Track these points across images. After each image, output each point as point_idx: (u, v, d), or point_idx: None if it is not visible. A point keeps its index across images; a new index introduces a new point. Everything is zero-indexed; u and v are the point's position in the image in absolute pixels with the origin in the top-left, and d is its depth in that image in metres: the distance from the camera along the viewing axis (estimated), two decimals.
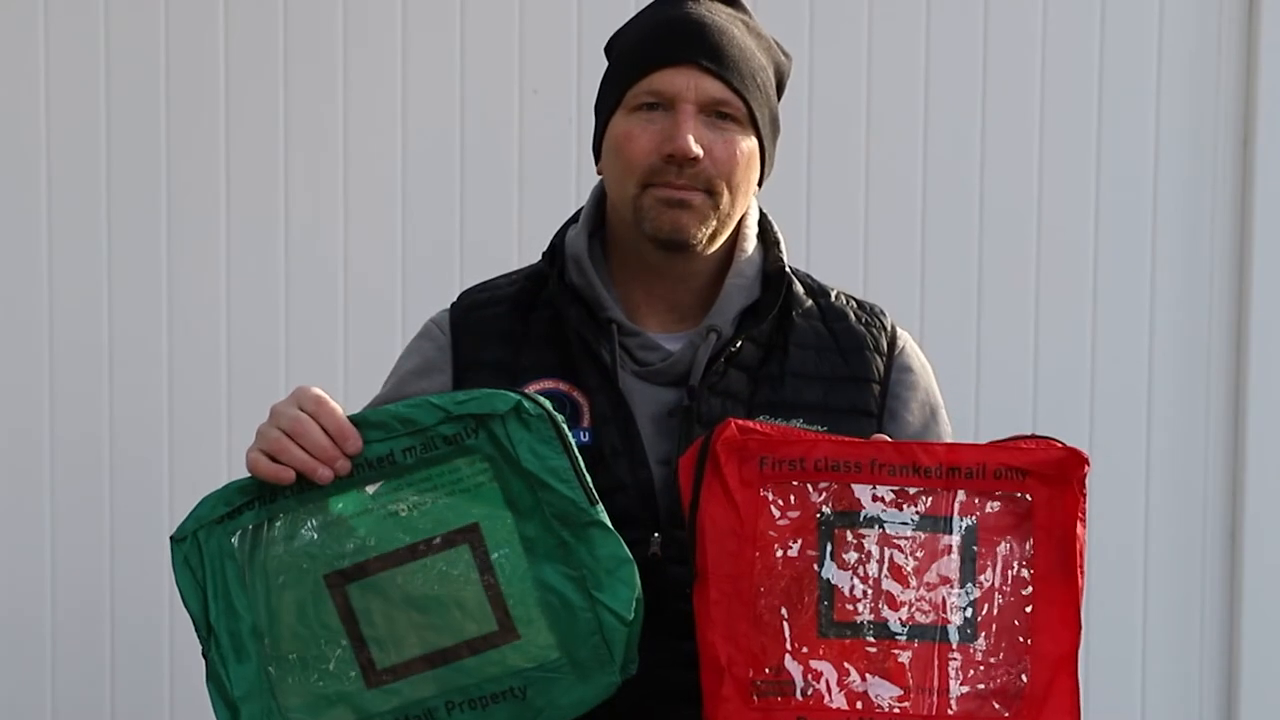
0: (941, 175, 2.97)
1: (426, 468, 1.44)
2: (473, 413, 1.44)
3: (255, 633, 1.45)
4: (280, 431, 1.42)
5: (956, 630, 1.47)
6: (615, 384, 1.59)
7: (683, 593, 1.53)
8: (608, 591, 1.43)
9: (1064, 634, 1.47)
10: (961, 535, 1.48)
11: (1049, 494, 1.48)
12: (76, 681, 2.91)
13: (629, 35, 1.67)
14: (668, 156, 1.57)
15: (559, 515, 1.44)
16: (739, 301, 1.64)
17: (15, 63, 2.89)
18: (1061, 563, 1.48)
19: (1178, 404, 3.02)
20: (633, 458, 1.57)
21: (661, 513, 1.56)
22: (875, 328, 1.69)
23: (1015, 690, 1.46)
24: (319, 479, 1.42)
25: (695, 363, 1.60)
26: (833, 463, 1.47)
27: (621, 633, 1.43)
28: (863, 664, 1.45)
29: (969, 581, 1.47)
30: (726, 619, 1.45)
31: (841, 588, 1.46)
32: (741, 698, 1.44)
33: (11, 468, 2.90)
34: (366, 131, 2.91)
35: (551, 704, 1.44)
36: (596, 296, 1.63)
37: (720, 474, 1.46)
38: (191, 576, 1.44)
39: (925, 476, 1.47)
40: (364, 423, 1.44)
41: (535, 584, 1.44)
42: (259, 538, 1.45)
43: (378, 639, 1.44)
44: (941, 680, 1.46)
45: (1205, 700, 3.06)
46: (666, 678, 1.55)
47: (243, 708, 1.44)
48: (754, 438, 1.47)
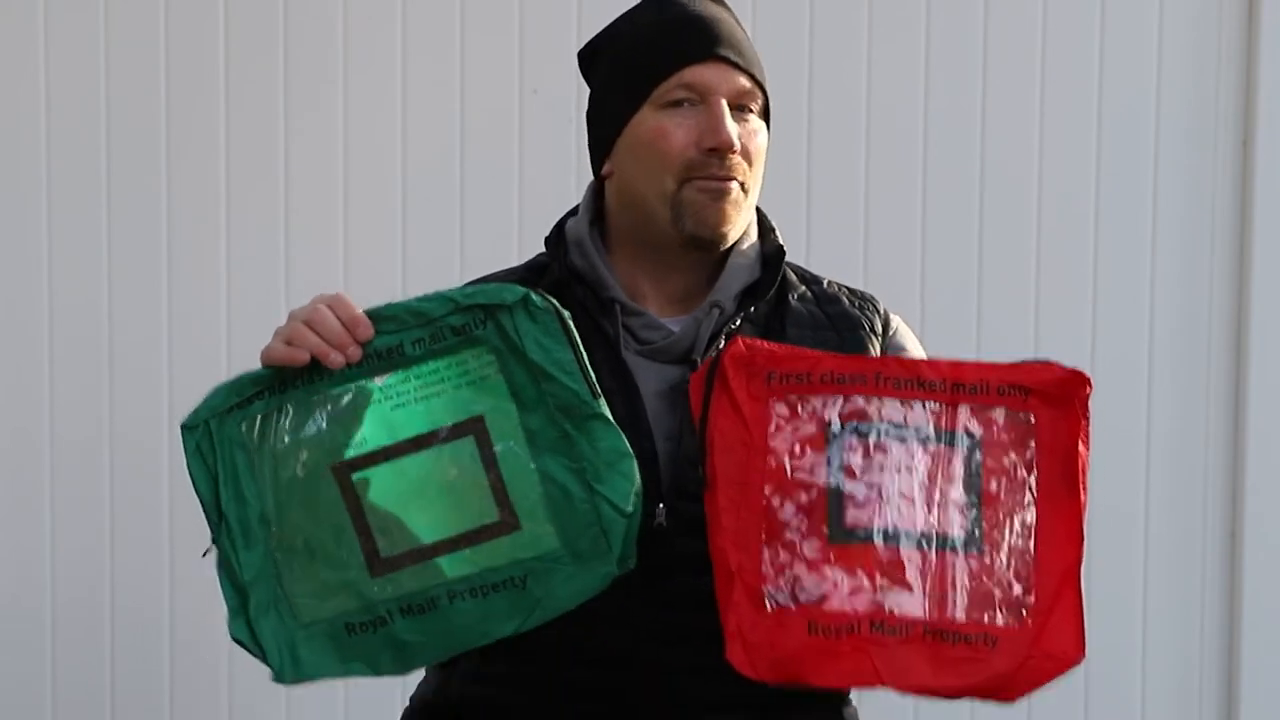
0: (942, 173, 2.98)
1: (434, 359, 1.47)
2: (481, 303, 1.47)
3: (263, 520, 1.47)
4: (297, 321, 1.47)
5: (962, 540, 1.48)
6: (620, 358, 1.61)
7: (689, 565, 1.55)
8: (607, 483, 1.46)
9: (1068, 548, 1.49)
10: (966, 448, 1.50)
11: (1052, 414, 1.50)
12: (77, 679, 2.91)
13: (634, 38, 1.68)
14: (709, 150, 1.59)
15: (562, 407, 1.46)
16: (742, 279, 1.67)
17: (15, 63, 2.89)
18: (1064, 479, 1.50)
19: (1177, 402, 3.02)
20: (637, 430, 1.58)
21: (665, 485, 1.58)
22: (869, 311, 1.72)
23: (1021, 601, 1.48)
24: (330, 363, 1.45)
25: (698, 338, 1.62)
26: (839, 375, 1.49)
27: (620, 524, 1.46)
28: (872, 570, 1.47)
29: (974, 493, 1.49)
30: (736, 526, 1.47)
31: (850, 496, 1.48)
32: (753, 603, 1.46)
33: (11, 467, 2.90)
34: (366, 132, 2.91)
35: (550, 593, 1.46)
36: (599, 277, 1.65)
37: (728, 388, 1.48)
38: (203, 463, 1.47)
39: (930, 390, 1.50)
40: (377, 316, 1.48)
41: (537, 476, 1.47)
42: (268, 427, 1.47)
43: (383, 528, 1.46)
44: (949, 587, 1.48)
45: (1205, 700, 3.06)
46: (673, 649, 1.57)
47: (251, 592, 1.46)
48: (760, 353, 1.50)
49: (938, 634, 1.46)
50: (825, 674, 1.47)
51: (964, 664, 1.46)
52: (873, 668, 1.46)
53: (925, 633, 1.46)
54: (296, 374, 1.47)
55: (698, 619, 1.54)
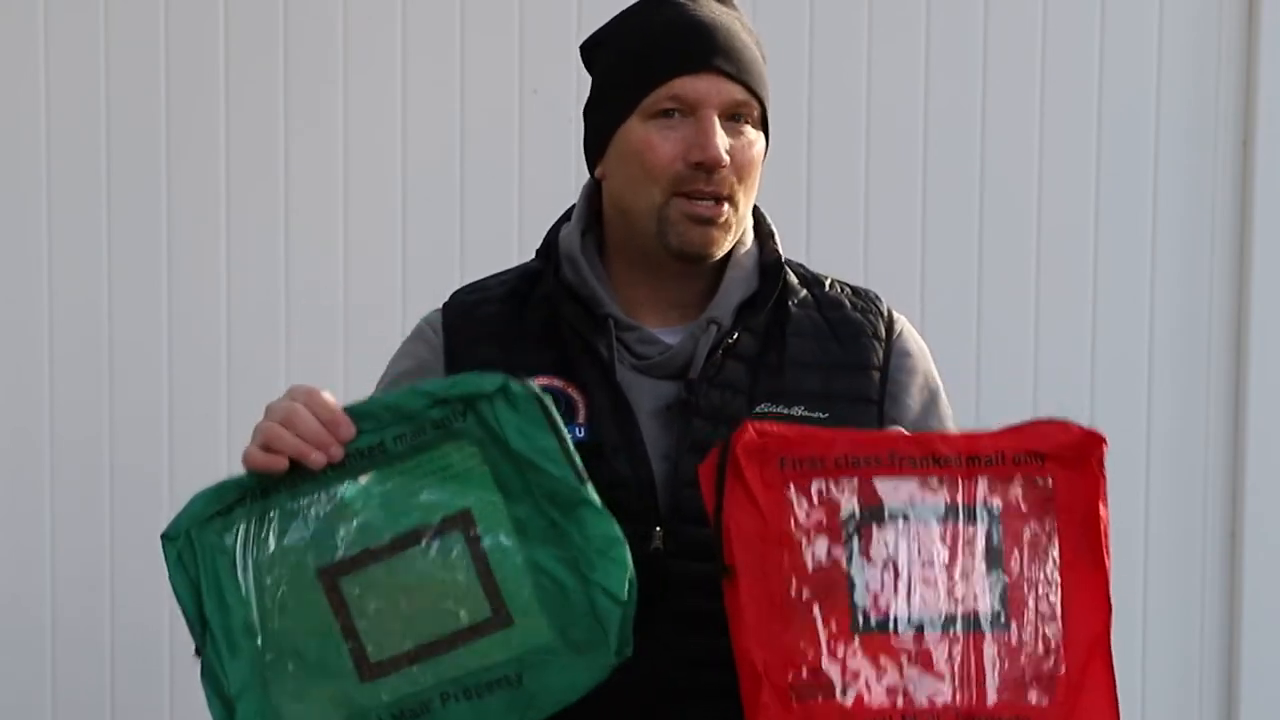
0: (942, 173, 2.97)
1: (417, 455, 1.44)
2: (459, 395, 1.44)
3: (248, 628, 1.44)
4: (273, 423, 1.43)
5: (989, 619, 1.46)
6: (613, 379, 1.58)
7: (685, 588, 1.54)
8: (600, 571, 1.42)
9: (1095, 616, 1.49)
10: (986, 523, 1.48)
11: (1069, 477, 1.49)
12: (77, 679, 2.91)
13: (631, 39, 1.64)
14: (695, 164, 1.56)
15: (549, 495, 1.43)
16: (739, 293, 1.64)
17: (15, 63, 2.89)
18: (1087, 544, 1.49)
19: (1177, 402, 3.02)
20: (632, 452, 1.56)
21: (662, 507, 1.56)
22: (872, 314, 1.69)
23: (1051, 676, 1.47)
24: (312, 464, 1.41)
25: (695, 355, 1.60)
26: (853, 458, 1.46)
27: (615, 613, 1.42)
28: (899, 659, 1.45)
29: (997, 569, 1.47)
30: (759, 623, 1.44)
31: (871, 584, 1.46)
32: (781, 703, 1.43)
33: (11, 468, 2.90)
34: (366, 132, 2.91)
35: (546, 688, 1.43)
36: (592, 293, 1.62)
37: (742, 478, 1.45)
38: (185, 574, 1.44)
39: (945, 466, 1.47)
40: (355, 413, 1.44)
41: (528, 567, 1.43)
42: (250, 533, 1.44)
43: (371, 632, 1.43)
44: (978, 670, 1.46)
45: (1205, 699, 3.06)
46: (670, 675, 1.55)
47: (238, 703, 1.43)
48: (772, 439, 1.46)
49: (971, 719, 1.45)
50: None
51: None
52: None
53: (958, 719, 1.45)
54: (279, 478, 1.43)
55: (696, 642, 1.53)
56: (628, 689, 1.52)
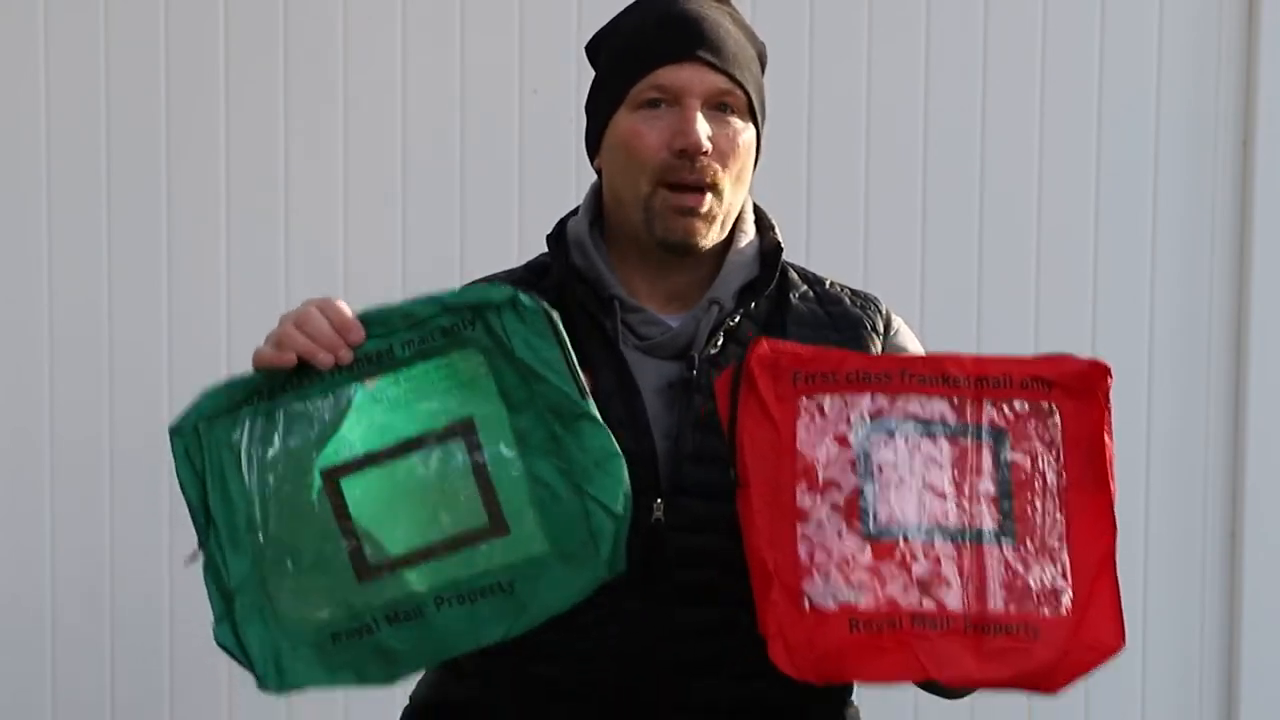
0: (942, 173, 2.98)
1: (423, 361, 1.46)
2: (469, 303, 1.46)
3: (250, 525, 1.46)
4: (287, 323, 1.46)
5: (995, 533, 1.49)
6: (619, 356, 1.61)
7: (684, 560, 1.55)
8: (596, 485, 1.45)
9: (1101, 537, 1.53)
10: (993, 442, 1.51)
11: (1074, 406, 1.52)
12: (77, 679, 2.91)
13: (622, 33, 1.68)
14: (679, 152, 1.59)
15: (551, 407, 1.45)
16: (740, 277, 1.67)
17: (15, 63, 2.89)
18: (1092, 470, 1.52)
19: (1177, 402, 3.02)
20: (636, 428, 1.58)
21: (664, 481, 1.58)
22: (870, 311, 1.72)
23: (1058, 593, 1.50)
24: (320, 363, 1.44)
25: (697, 334, 1.62)
26: (864, 374, 1.50)
27: (609, 526, 1.44)
28: (907, 565, 1.47)
29: (1004, 486, 1.50)
30: (770, 527, 1.47)
31: (881, 493, 1.48)
32: (791, 602, 1.46)
33: (11, 467, 2.90)
34: (366, 131, 2.91)
35: (537, 598, 1.45)
36: (599, 276, 1.65)
37: (756, 390, 1.48)
38: (191, 467, 1.46)
39: (955, 385, 1.50)
40: (366, 319, 1.47)
41: (526, 478, 1.45)
42: (257, 431, 1.46)
43: (370, 534, 1.45)
44: (986, 579, 1.48)
45: (1205, 700, 3.06)
46: (670, 646, 1.57)
47: (237, 597, 1.45)
48: (785, 354, 1.50)
49: (979, 626, 1.47)
50: (870, 670, 1.47)
51: (1007, 654, 1.47)
52: (918, 662, 1.46)
53: (967, 625, 1.47)
54: (286, 379, 1.46)
55: (696, 614, 1.55)
56: (628, 659, 1.55)
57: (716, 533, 1.52)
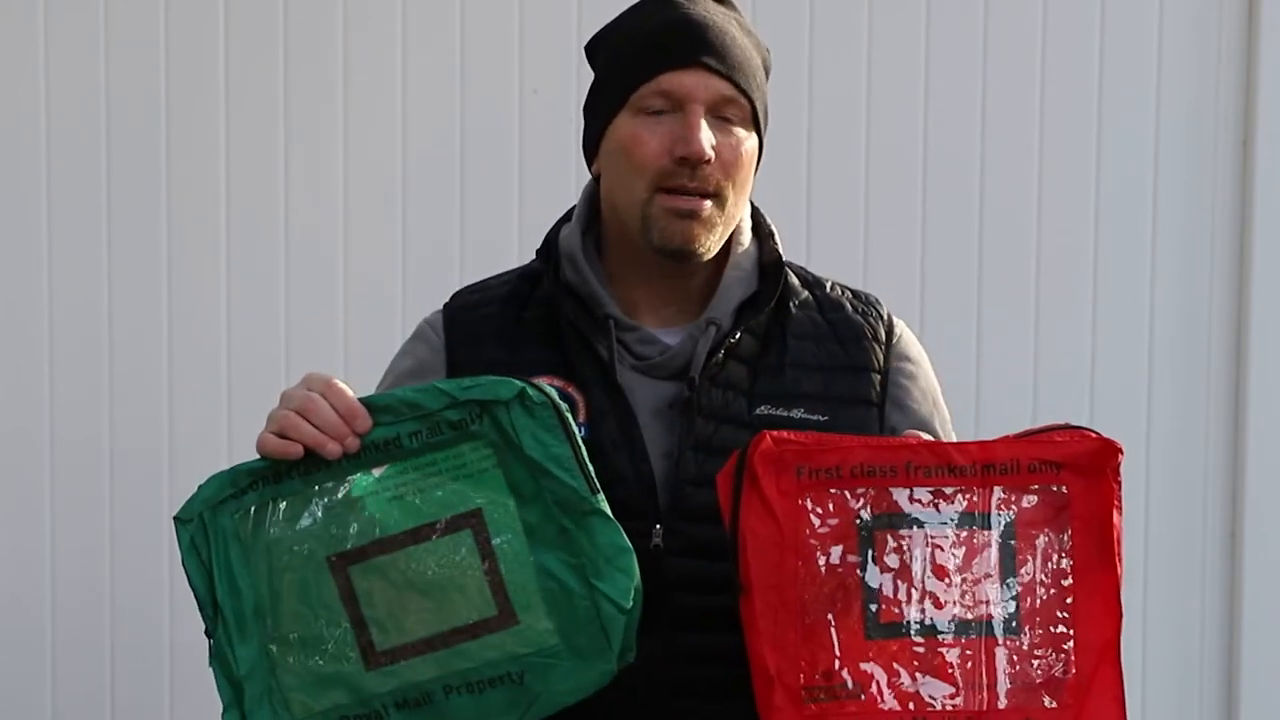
0: (941, 175, 2.97)
1: (431, 452, 1.46)
2: (477, 399, 1.45)
3: (257, 612, 1.46)
4: (290, 410, 1.44)
5: (1001, 625, 1.48)
6: (614, 378, 1.59)
7: (684, 585, 1.54)
8: (606, 580, 1.44)
9: (1106, 622, 1.51)
10: (1000, 530, 1.49)
11: (1084, 485, 1.50)
12: (77, 679, 2.91)
13: (624, 36, 1.65)
14: (680, 159, 1.56)
15: (560, 502, 1.45)
16: (738, 294, 1.64)
17: (15, 63, 2.89)
18: (1100, 551, 1.51)
19: (1177, 402, 3.02)
20: (632, 451, 1.57)
21: (663, 505, 1.57)
22: (872, 317, 1.69)
23: (1061, 680, 1.49)
24: (328, 454, 1.43)
25: (695, 355, 1.60)
26: (869, 468, 1.48)
27: (619, 621, 1.44)
28: (911, 664, 1.46)
29: (1010, 576, 1.49)
30: (773, 628, 1.45)
31: (885, 590, 1.47)
32: (794, 705, 1.45)
33: (11, 467, 2.90)
34: (366, 131, 2.91)
35: (548, 690, 1.45)
36: (592, 293, 1.63)
37: (758, 486, 1.46)
38: (197, 557, 1.46)
39: (961, 475, 1.48)
40: (372, 406, 1.46)
41: (536, 570, 1.45)
42: (263, 518, 1.46)
43: (378, 621, 1.45)
44: (990, 675, 1.47)
45: (1205, 700, 3.06)
46: (669, 671, 1.56)
47: (246, 686, 1.46)
48: (790, 448, 1.47)
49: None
50: None
51: None
52: None
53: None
54: (292, 464, 1.45)
55: (696, 639, 1.54)
56: (628, 686, 1.53)
57: (717, 557, 1.50)
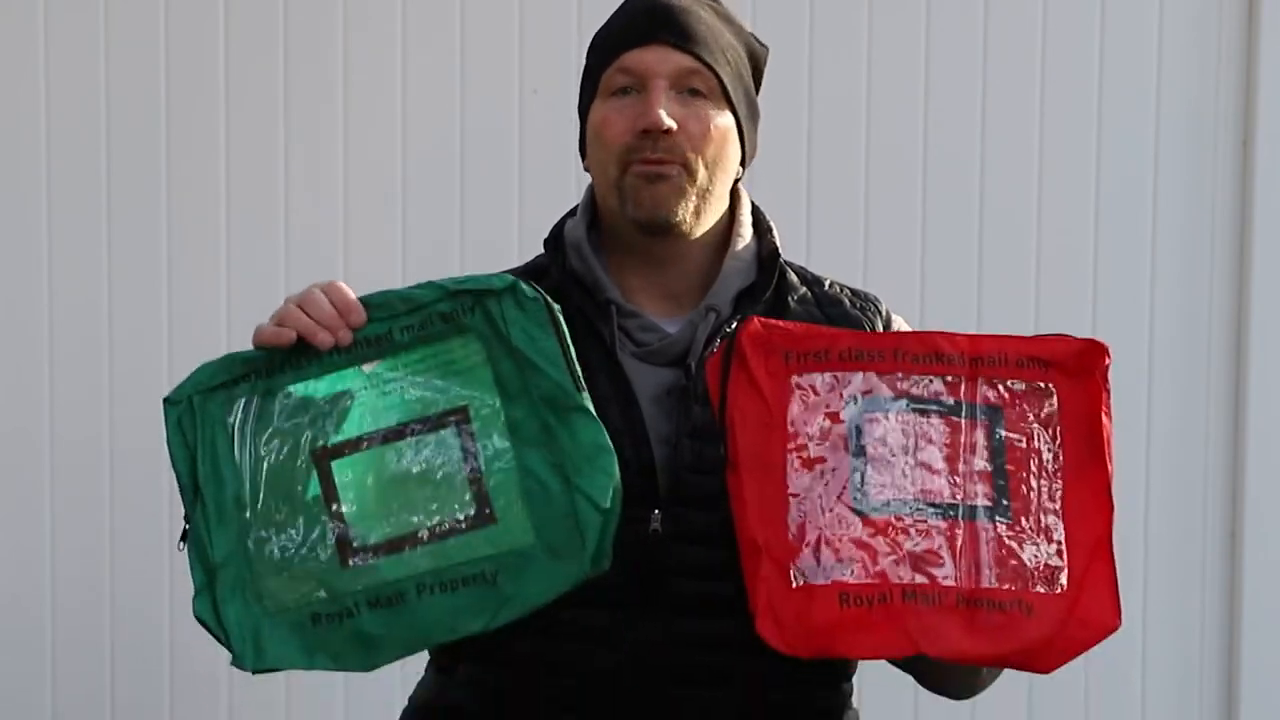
0: (941, 175, 2.97)
1: (422, 346, 1.47)
2: (470, 289, 1.47)
3: (239, 502, 1.46)
4: (290, 303, 1.48)
5: (989, 511, 1.48)
6: (616, 363, 1.60)
7: (683, 571, 1.54)
8: (585, 478, 1.44)
9: (1097, 517, 1.49)
10: (987, 420, 1.49)
11: (1072, 385, 1.50)
12: (77, 679, 2.91)
13: (598, 33, 1.70)
14: (642, 132, 1.58)
15: (545, 398, 1.45)
16: (736, 283, 1.66)
17: (15, 63, 2.89)
18: (1089, 449, 1.50)
19: (1177, 402, 3.02)
20: (634, 435, 1.57)
21: (662, 490, 1.57)
22: (870, 313, 1.70)
23: (1054, 571, 1.48)
24: (319, 343, 1.45)
25: (694, 341, 1.61)
26: (857, 352, 1.49)
27: (596, 520, 1.44)
28: (900, 541, 1.46)
29: (998, 464, 1.49)
30: (760, 503, 1.46)
31: (873, 470, 1.47)
32: (780, 577, 1.45)
33: (11, 467, 2.90)
34: (366, 131, 2.91)
35: (520, 590, 1.44)
36: (596, 280, 1.64)
37: (747, 366, 1.48)
38: (183, 438, 1.48)
39: (948, 364, 1.50)
40: (368, 303, 1.48)
41: (517, 469, 1.45)
42: (251, 408, 1.47)
43: (356, 516, 1.46)
44: (980, 556, 1.47)
45: (1205, 700, 3.06)
46: (668, 657, 1.56)
47: (219, 572, 1.46)
48: (777, 332, 1.49)
49: (972, 601, 1.45)
50: (859, 645, 1.46)
51: (1000, 630, 1.45)
52: (908, 636, 1.44)
53: (959, 601, 1.45)
54: (285, 358, 1.47)
55: (694, 625, 1.54)
56: (625, 671, 1.54)
57: (716, 543, 1.51)
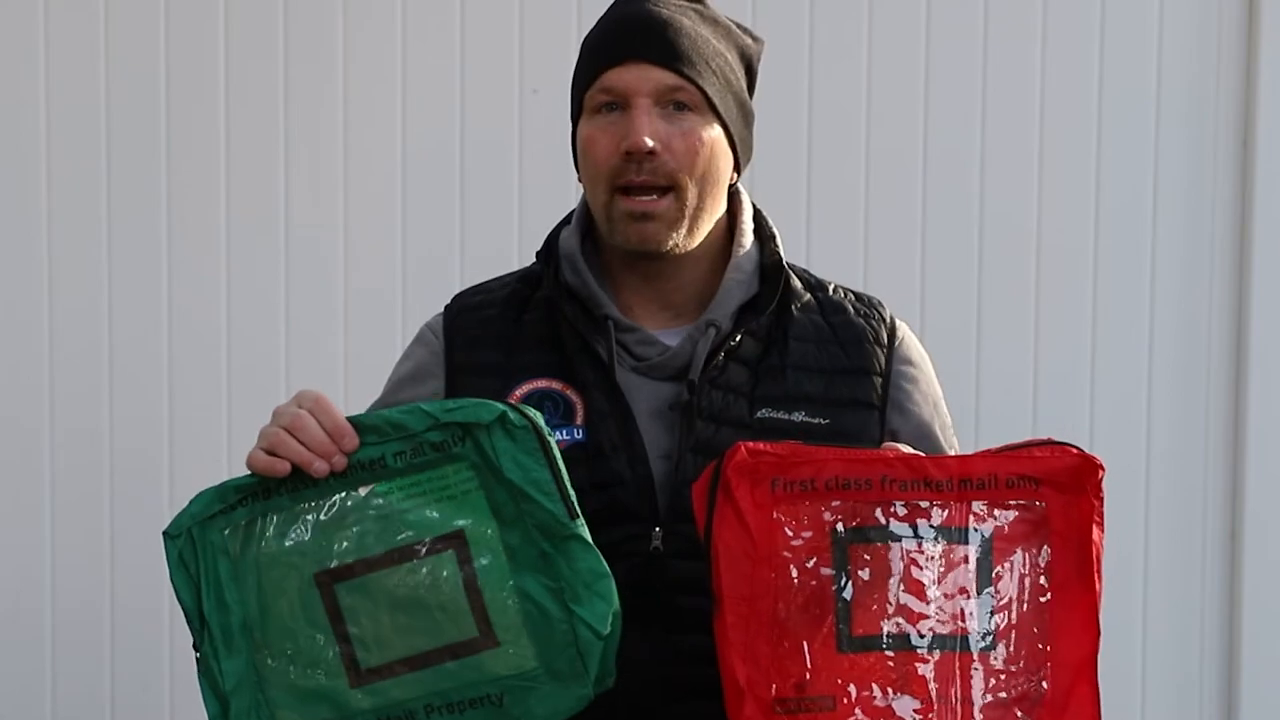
0: (941, 176, 2.97)
1: (416, 473, 1.47)
2: (459, 421, 1.46)
3: (245, 627, 1.47)
4: (279, 428, 1.45)
5: (976, 640, 1.46)
6: (613, 379, 1.59)
7: (683, 587, 1.54)
8: (585, 605, 1.45)
9: (1083, 638, 1.48)
10: (978, 546, 1.47)
11: (1064, 501, 1.48)
12: (77, 679, 2.91)
13: (583, 45, 1.67)
14: (626, 154, 1.57)
15: (540, 526, 1.46)
16: (738, 296, 1.64)
17: (15, 63, 2.89)
18: (1079, 568, 1.48)
19: (1178, 404, 3.02)
20: (631, 452, 1.57)
21: (662, 507, 1.57)
22: (874, 320, 1.69)
23: (1037, 697, 1.46)
24: (315, 472, 1.44)
25: (695, 356, 1.60)
26: (844, 481, 1.46)
27: (597, 646, 1.45)
28: (884, 678, 1.45)
29: (986, 591, 1.47)
30: (744, 640, 1.44)
31: (859, 604, 1.45)
32: (764, 716, 1.44)
33: (11, 467, 2.90)
34: (366, 131, 2.91)
35: (526, 713, 1.46)
36: (592, 294, 1.63)
37: (732, 498, 1.45)
38: (185, 572, 1.47)
39: (937, 490, 1.46)
40: (358, 425, 1.47)
41: (516, 593, 1.46)
42: (251, 533, 1.48)
43: (362, 639, 1.47)
44: (964, 690, 1.45)
45: (1205, 700, 3.06)
46: (667, 672, 1.56)
47: (232, 700, 1.47)
48: (765, 460, 1.46)
49: None
50: None
51: None
52: None
53: None
54: (280, 480, 1.47)
55: (694, 640, 1.53)
56: (626, 687, 1.53)
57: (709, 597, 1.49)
